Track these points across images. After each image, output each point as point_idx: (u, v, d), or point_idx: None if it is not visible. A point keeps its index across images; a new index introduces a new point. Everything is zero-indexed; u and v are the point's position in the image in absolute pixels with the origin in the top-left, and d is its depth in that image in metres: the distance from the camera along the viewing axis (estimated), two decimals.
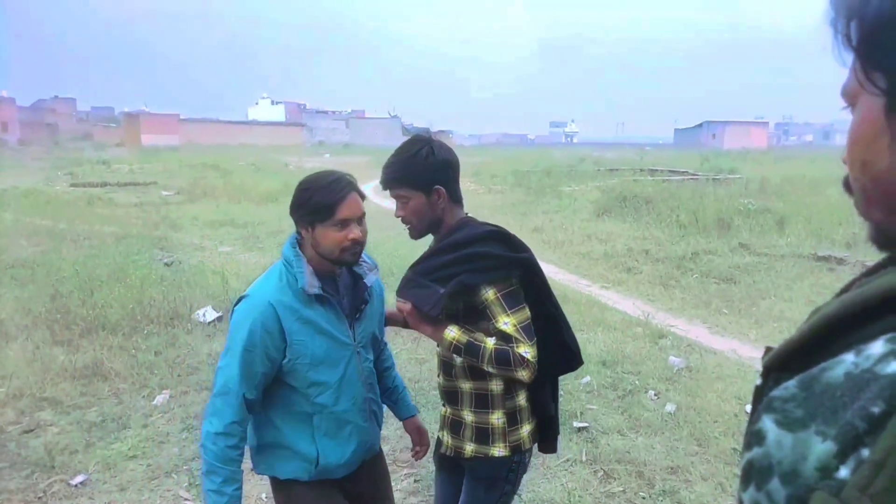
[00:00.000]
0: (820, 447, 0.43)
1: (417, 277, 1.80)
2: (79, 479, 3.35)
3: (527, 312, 1.74)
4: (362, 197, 1.79)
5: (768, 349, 0.57)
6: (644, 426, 3.98)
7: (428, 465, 3.52)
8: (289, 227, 1.84)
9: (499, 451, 1.84)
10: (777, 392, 0.48)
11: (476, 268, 1.71)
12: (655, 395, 4.46)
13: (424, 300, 1.74)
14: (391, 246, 8.98)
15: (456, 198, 1.84)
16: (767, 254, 9.14)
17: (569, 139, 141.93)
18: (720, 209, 12.25)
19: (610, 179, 21.51)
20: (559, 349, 1.84)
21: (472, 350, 1.71)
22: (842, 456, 0.42)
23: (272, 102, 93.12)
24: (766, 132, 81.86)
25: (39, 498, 3.21)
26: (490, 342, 1.70)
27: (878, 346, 0.44)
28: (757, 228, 10.94)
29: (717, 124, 76.90)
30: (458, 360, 1.81)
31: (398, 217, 1.86)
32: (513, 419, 1.84)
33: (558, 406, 2.00)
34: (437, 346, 1.91)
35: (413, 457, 2.23)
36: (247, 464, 1.82)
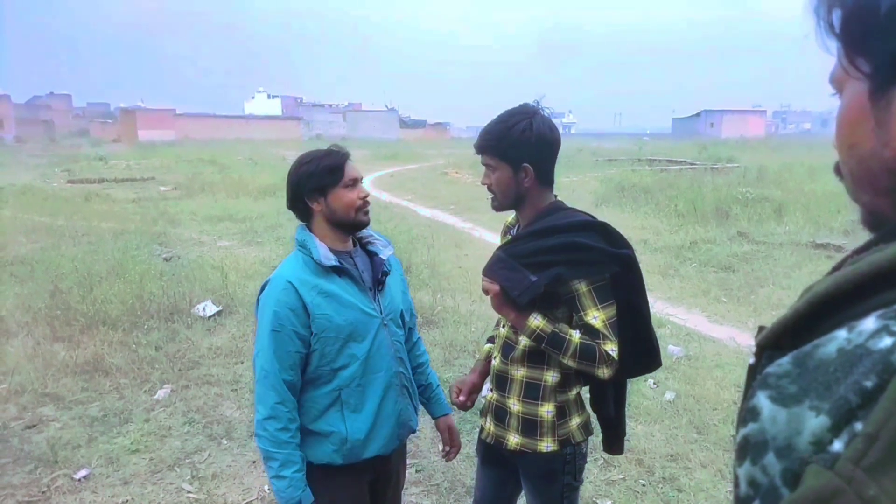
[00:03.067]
0: (814, 422, 0.44)
1: (509, 259, 1.69)
2: (82, 473, 3.37)
3: (614, 309, 1.68)
4: None
5: (761, 328, 0.58)
6: (643, 414, 4.00)
7: (430, 454, 3.54)
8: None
9: (547, 445, 1.77)
10: (771, 369, 0.49)
11: (574, 260, 1.63)
12: (655, 383, 4.48)
13: (514, 284, 1.64)
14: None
15: (545, 180, 1.75)
16: (766, 242, 9.15)
17: (566, 130, 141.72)
18: (718, 198, 12.25)
19: (608, 170, 21.51)
20: (641, 348, 1.75)
21: (555, 341, 1.63)
22: (835, 430, 0.43)
23: (268, 96, 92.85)
24: (763, 121, 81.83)
25: (43, 492, 3.23)
26: (576, 335, 1.63)
27: (870, 322, 0.45)
28: (755, 217, 10.95)
29: (714, 113, 76.82)
30: (524, 342, 1.74)
31: (483, 184, 1.78)
32: (562, 413, 1.78)
33: (624, 408, 1.91)
34: (501, 325, 1.84)
35: (444, 457, 2.16)
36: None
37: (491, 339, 2.09)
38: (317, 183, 1.76)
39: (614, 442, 1.93)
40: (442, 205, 14.43)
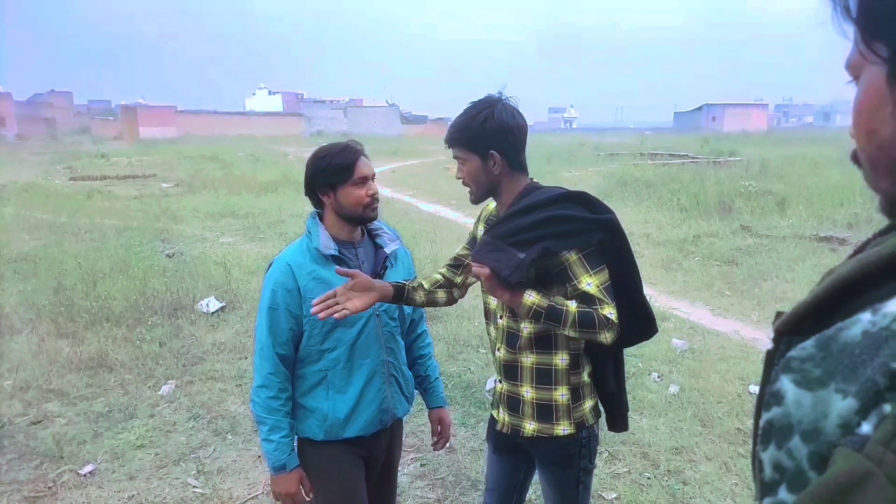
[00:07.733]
0: (841, 404, 0.44)
1: (495, 241, 1.70)
2: (87, 468, 3.38)
3: (607, 273, 1.67)
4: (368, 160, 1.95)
5: (779, 314, 0.57)
6: (648, 408, 4.00)
7: None
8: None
9: (563, 429, 1.77)
10: (794, 353, 0.49)
11: (558, 232, 1.64)
12: (659, 377, 4.48)
13: (503, 264, 1.64)
14: None
15: (515, 165, 1.77)
16: (769, 235, 9.14)
17: (568, 125, 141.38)
18: (721, 192, 12.23)
19: (610, 164, 21.49)
20: (636, 313, 1.73)
21: (553, 314, 1.62)
22: (863, 412, 0.42)
23: (269, 93, 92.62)
24: (765, 114, 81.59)
25: (49, 488, 3.24)
26: (572, 305, 1.63)
27: (894, 305, 0.45)
28: (758, 210, 10.93)
29: (716, 107, 76.66)
30: (527, 329, 1.75)
31: (458, 179, 1.82)
32: (576, 395, 1.79)
33: (624, 381, 1.92)
34: (500, 317, 1.85)
35: (432, 446, 2.26)
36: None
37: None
38: (328, 179, 1.87)
39: (618, 419, 1.93)
40: (443, 200, 14.43)
